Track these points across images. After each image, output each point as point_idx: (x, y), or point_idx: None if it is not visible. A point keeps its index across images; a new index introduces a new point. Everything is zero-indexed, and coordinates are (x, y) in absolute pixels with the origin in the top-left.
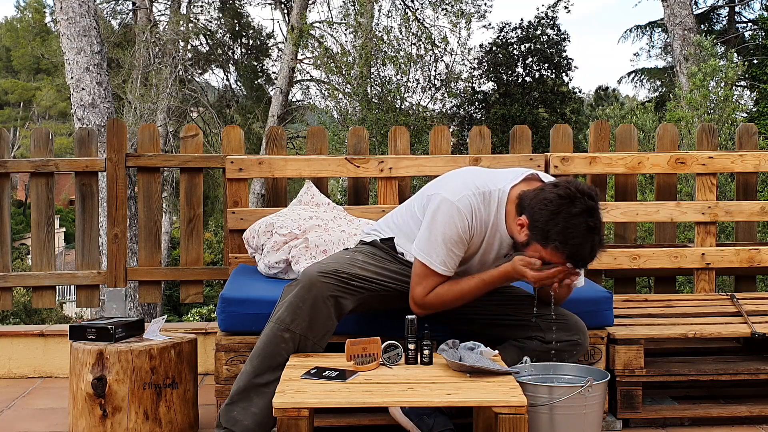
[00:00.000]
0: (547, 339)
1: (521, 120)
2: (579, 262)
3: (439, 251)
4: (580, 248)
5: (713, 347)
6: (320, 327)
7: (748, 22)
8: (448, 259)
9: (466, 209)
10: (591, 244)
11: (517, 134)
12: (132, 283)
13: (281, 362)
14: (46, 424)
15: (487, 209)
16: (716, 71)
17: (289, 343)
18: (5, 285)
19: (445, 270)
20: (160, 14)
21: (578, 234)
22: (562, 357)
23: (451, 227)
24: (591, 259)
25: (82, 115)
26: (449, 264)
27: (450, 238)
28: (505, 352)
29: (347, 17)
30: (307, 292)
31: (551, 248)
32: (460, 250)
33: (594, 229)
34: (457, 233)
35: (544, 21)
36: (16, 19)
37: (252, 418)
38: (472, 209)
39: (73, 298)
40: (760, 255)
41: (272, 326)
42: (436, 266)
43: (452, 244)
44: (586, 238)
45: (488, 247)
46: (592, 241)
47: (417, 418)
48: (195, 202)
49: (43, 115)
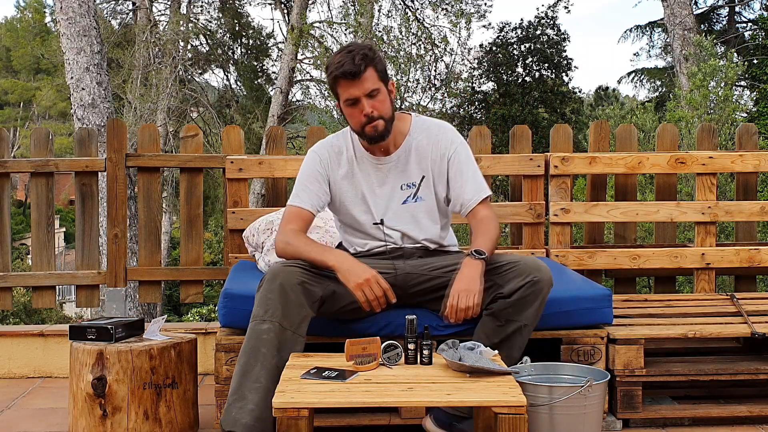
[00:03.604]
0: (506, 293)
1: (521, 120)
2: (346, 68)
3: (294, 190)
4: (340, 63)
5: (713, 347)
6: (294, 314)
7: (748, 22)
8: (300, 192)
9: (316, 146)
10: (351, 56)
11: (517, 134)
12: (132, 283)
13: (267, 355)
14: (46, 424)
15: (343, 138)
16: (716, 71)
17: (270, 334)
18: (5, 285)
19: (297, 201)
20: (160, 14)
21: (337, 58)
22: (526, 304)
23: (302, 166)
24: (356, 63)
25: (82, 115)
26: (301, 195)
27: (301, 173)
28: (483, 326)
29: (347, 17)
30: (272, 281)
31: (332, 86)
32: (312, 182)
33: (351, 50)
34: (306, 168)
35: (544, 21)
36: (16, 19)
37: (250, 415)
38: (321, 143)
39: (73, 298)
40: (760, 255)
41: (251, 324)
42: (290, 201)
43: (304, 178)
44: (343, 56)
45: (354, 175)
46: (352, 55)
47: (449, 427)
48: (195, 202)
49: (43, 115)
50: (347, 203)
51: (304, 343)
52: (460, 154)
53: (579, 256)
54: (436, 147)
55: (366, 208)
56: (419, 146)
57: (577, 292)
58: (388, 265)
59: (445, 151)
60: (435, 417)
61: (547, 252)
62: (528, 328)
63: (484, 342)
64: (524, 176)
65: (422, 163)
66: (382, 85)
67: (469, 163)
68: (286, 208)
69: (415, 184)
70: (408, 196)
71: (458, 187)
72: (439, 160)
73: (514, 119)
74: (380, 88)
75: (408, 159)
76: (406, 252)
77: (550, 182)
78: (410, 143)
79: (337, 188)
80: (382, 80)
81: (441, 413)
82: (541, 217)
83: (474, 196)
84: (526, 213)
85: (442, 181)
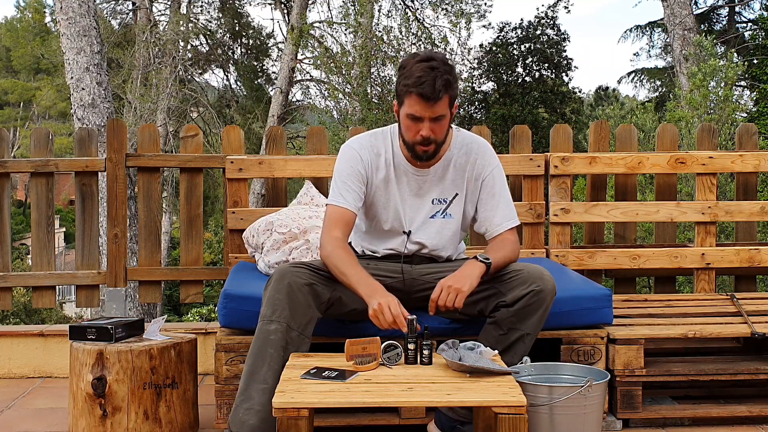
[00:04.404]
0: (509, 301)
1: (521, 120)
2: (426, 90)
3: (335, 187)
4: (420, 80)
5: (713, 347)
6: (301, 315)
7: (748, 22)
8: (343, 191)
9: (354, 143)
10: (432, 76)
11: (517, 134)
12: (132, 283)
13: (274, 356)
14: (46, 424)
15: (382, 140)
16: (716, 71)
17: (278, 335)
18: (5, 285)
19: (342, 201)
20: (160, 14)
21: (418, 70)
22: (529, 313)
23: (341, 162)
24: (436, 87)
25: (82, 115)
26: (346, 195)
27: (341, 171)
28: (486, 334)
29: (347, 17)
30: (280, 282)
31: (402, 93)
32: (355, 182)
33: (434, 68)
34: (348, 166)
35: (544, 21)
36: (16, 19)
37: (256, 416)
38: (360, 142)
39: (73, 298)
40: (760, 255)
41: (258, 324)
42: (333, 200)
43: (345, 176)
44: (426, 72)
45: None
46: (434, 75)
47: (451, 430)
48: (195, 202)
49: (43, 115)
50: (377, 207)
51: (309, 344)
52: (495, 178)
53: (579, 256)
54: (474, 166)
55: (395, 216)
56: (458, 163)
57: (577, 292)
58: (396, 269)
59: (481, 171)
60: (438, 421)
61: (547, 252)
62: (530, 337)
63: None
64: (524, 176)
65: (458, 180)
66: (449, 111)
67: (502, 189)
68: (328, 207)
69: (447, 200)
70: (438, 211)
71: (488, 210)
72: (474, 180)
73: (514, 119)
74: (447, 114)
75: (445, 174)
76: (415, 259)
77: (550, 182)
78: (450, 158)
79: (372, 192)
80: (450, 106)
81: (444, 417)
82: (541, 217)
83: (503, 222)
84: (526, 213)
85: (473, 200)
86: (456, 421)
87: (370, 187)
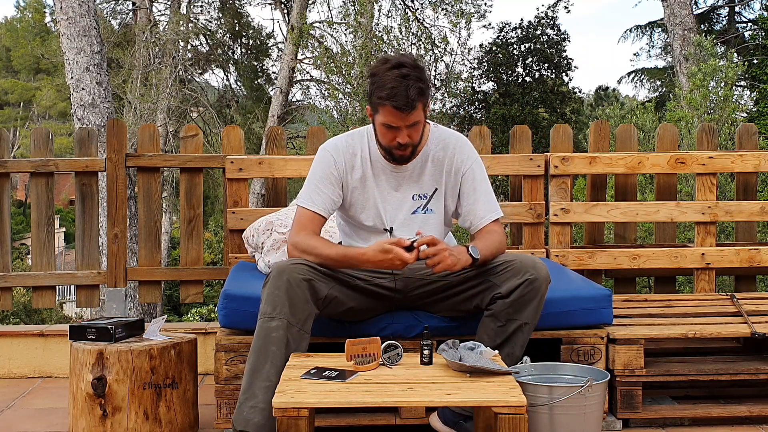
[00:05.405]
0: (504, 293)
1: (521, 120)
2: (399, 102)
3: (306, 189)
4: (393, 91)
5: (713, 347)
6: (300, 311)
7: (748, 22)
8: (314, 194)
9: (329, 145)
10: (405, 86)
11: (517, 134)
12: (132, 283)
13: (276, 353)
14: (46, 424)
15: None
16: (716, 71)
17: (279, 331)
18: (5, 285)
19: (311, 204)
20: (160, 14)
21: (390, 80)
22: (525, 303)
23: (315, 165)
24: (410, 98)
25: (82, 115)
26: (316, 199)
27: (314, 173)
28: (484, 327)
29: (347, 17)
30: (279, 278)
31: (376, 104)
32: (327, 185)
33: (406, 76)
34: (320, 168)
35: (544, 21)
36: (16, 19)
37: (261, 414)
38: (335, 144)
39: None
40: (760, 255)
41: (259, 321)
42: (303, 202)
43: (318, 179)
44: (398, 82)
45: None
46: (407, 84)
47: (454, 425)
48: (195, 202)
49: (43, 115)
50: (357, 207)
51: (309, 341)
52: (475, 171)
53: (579, 256)
54: (452, 161)
55: (375, 214)
56: (435, 158)
57: (577, 292)
58: (387, 270)
59: (460, 166)
60: (441, 414)
61: (547, 252)
62: (529, 326)
63: (487, 343)
64: (524, 176)
65: (436, 175)
66: (422, 115)
67: (483, 182)
68: (297, 209)
69: (427, 196)
70: (418, 206)
71: (470, 204)
72: (454, 175)
73: (514, 119)
74: (421, 119)
75: (423, 170)
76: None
77: (550, 182)
78: (427, 154)
79: (349, 192)
80: (424, 109)
81: (448, 411)
82: (541, 217)
83: (486, 215)
84: (526, 213)
85: (454, 195)
86: (460, 416)
87: (347, 188)
